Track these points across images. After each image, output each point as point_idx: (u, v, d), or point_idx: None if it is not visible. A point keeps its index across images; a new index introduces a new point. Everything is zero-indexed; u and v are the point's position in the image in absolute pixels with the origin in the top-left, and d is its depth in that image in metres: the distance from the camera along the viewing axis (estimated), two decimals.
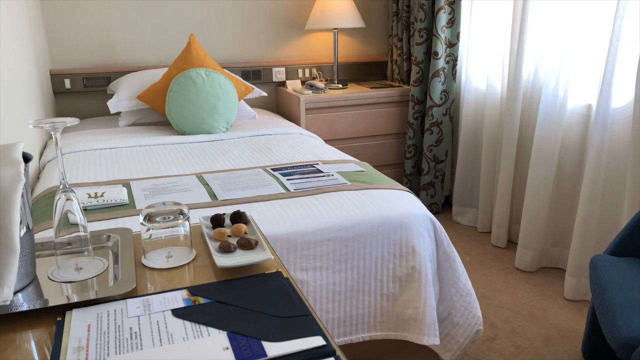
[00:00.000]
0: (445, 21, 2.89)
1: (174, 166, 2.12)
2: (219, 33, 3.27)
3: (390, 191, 1.80)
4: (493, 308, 2.20)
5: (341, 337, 1.65)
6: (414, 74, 3.09)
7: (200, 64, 2.71)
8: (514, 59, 2.54)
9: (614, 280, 1.57)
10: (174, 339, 0.72)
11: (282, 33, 3.40)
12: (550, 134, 2.37)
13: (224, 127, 2.67)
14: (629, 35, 2.02)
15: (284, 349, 0.70)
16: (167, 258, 0.97)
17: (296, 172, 1.99)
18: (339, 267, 1.61)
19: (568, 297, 2.26)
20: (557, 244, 2.54)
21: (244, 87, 2.86)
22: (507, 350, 1.92)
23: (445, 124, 3.05)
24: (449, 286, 1.72)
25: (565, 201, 2.47)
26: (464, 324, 1.72)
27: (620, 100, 2.09)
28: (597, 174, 2.13)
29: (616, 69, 2.03)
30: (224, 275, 0.92)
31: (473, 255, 2.68)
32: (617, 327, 1.39)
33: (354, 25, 3.16)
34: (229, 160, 2.20)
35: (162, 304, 0.82)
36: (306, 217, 1.59)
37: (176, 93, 2.59)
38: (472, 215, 3.08)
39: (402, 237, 1.65)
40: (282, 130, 2.69)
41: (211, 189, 1.80)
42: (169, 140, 2.51)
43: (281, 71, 3.42)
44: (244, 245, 1.00)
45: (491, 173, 2.87)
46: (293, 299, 0.83)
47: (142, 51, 3.15)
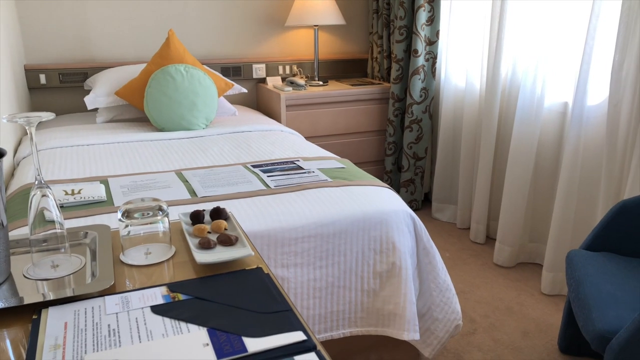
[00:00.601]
0: (424, 19, 2.91)
1: (153, 163, 2.09)
2: (199, 28, 3.24)
3: (370, 188, 1.81)
4: (472, 303, 2.22)
5: (322, 333, 1.65)
6: (394, 71, 3.10)
7: (179, 60, 2.68)
8: (493, 57, 2.57)
9: (589, 274, 1.60)
10: (153, 335, 0.72)
11: (263, 29, 3.39)
12: (528, 131, 2.40)
13: (203, 123, 2.65)
14: (603, 35, 2.05)
15: (265, 345, 0.69)
16: (146, 255, 0.96)
17: (277, 168, 1.98)
18: (319, 263, 1.61)
19: (545, 291, 2.30)
20: (534, 240, 2.58)
21: (223, 84, 2.84)
22: (485, 344, 1.95)
23: (425, 121, 3.07)
24: (428, 281, 1.73)
25: (542, 197, 2.51)
26: (443, 319, 1.73)
27: (595, 98, 2.13)
28: (573, 170, 2.17)
29: (591, 68, 2.06)
30: (204, 272, 0.91)
31: (452, 251, 2.71)
32: (592, 320, 1.42)
33: (335, 22, 3.16)
34: (208, 156, 2.18)
35: (141, 301, 0.81)
36: (287, 214, 1.59)
37: (155, 89, 2.56)
38: (451, 212, 3.12)
39: (382, 233, 1.66)
40: (263, 127, 2.68)
41: (190, 186, 1.79)
42: (148, 137, 2.48)
43: (261, 68, 3.40)
44: (224, 241, 0.99)
45: (470, 170, 2.91)
46: (273, 295, 0.83)
47: (120, 46, 3.11)
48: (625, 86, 1.97)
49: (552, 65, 2.32)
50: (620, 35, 1.93)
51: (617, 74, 1.96)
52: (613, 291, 1.50)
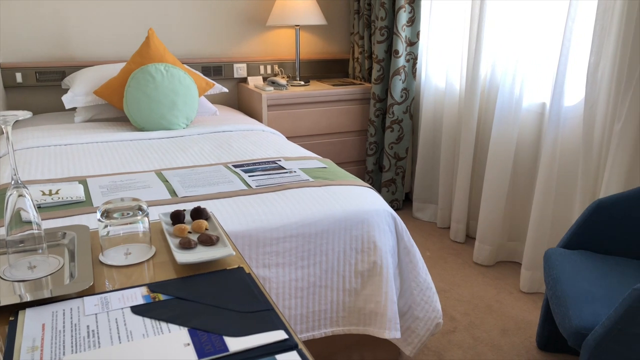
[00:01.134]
0: (405, 20, 2.93)
1: (132, 163, 2.07)
2: (179, 28, 3.21)
3: (352, 187, 1.81)
4: (452, 301, 2.25)
5: (304, 332, 1.66)
6: (375, 72, 3.12)
7: (159, 59, 2.66)
8: (472, 58, 2.60)
9: (566, 272, 1.63)
10: (134, 336, 0.71)
11: (244, 29, 3.37)
12: (507, 131, 2.43)
13: (183, 123, 2.63)
14: (579, 37, 2.09)
15: (246, 344, 0.69)
16: (125, 255, 0.95)
17: (258, 168, 1.98)
18: (301, 263, 1.61)
19: (523, 289, 2.33)
20: (513, 239, 2.61)
21: (204, 83, 2.82)
22: (465, 342, 1.97)
23: (405, 121, 3.09)
24: (409, 280, 1.74)
25: (520, 197, 2.54)
26: (424, 317, 1.75)
27: (571, 99, 2.17)
28: (550, 170, 2.20)
29: (568, 69, 2.10)
30: (185, 272, 0.91)
31: (433, 250, 2.73)
32: (569, 317, 1.45)
33: (316, 22, 3.16)
34: (189, 156, 2.17)
35: (120, 301, 0.80)
36: (268, 214, 1.59)
37: (134, 88, 2.53)
38: (431, 211, 3.14)
39: (363, 232, 1.67)
40: (244, 127, 2.67)
41: (171, 186, 1.77)
42: (127, 137, 2.45)
43: (242, 67, 3.39)
44: (204, 241, 0.99)
45: (450, 170, 2.93)
46: (255, 294, 0.83)
47: (99, 45, 3.07)
48: (601, 87, 2.01)
49: (530, 66, 2.36)
50: (596, 37, 1.97)
51: (592, 76, 1.99)
52: (589, 288, 1.53)
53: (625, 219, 1.74)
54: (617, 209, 1.74)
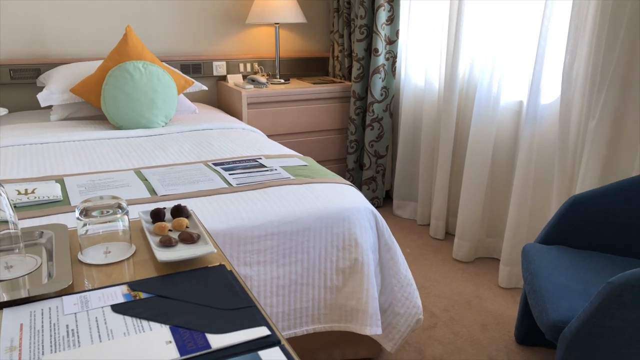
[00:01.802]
0: (385, 18, 2.94)
1: (111, 161, 2.05)
2: (157, 25, 3.18)
3: (333, 185, 1.82)
4: (432, 297, 2.27)
5: (285, 330, 1.66)
6: (355, 70, 3.13)
7: (137, 57, 2.63)
8: (451, 56, 2.62)
9: (543, 267, 1.66)
10: (114, 334, 0.70)
11: (223, 26, 3.35)
12: (485, 129, 2.47)
13: (162, 121, 2.61)
14: (555, 37, 2.13)
15: (228, 341, 0.69)
16: (105, 254, 0.94)
17: (238, 166, 1.97)
18: (282, 261, 1.61)
19: (502, 285, 2.37)
20: (491, 235, 2.65)
21: (183, 81, 2.80)
22: (446, 337, 1.99)
23: (385, 119, 3.11)
24: (390, 277, 1.76)
25: (499, 194, 2.58)
26: (405, 313, 1.76)
27: (548, 97, 2.21)
28: (527, 167, 2.24)
29: (544, 68, 2.14)
30: (166, 270, 0.90)
31: (413, 247, 2.75)
32: (546, 311, 1.47)
33: (295, 20, 3.16)
34: (168, 155, 2.15)
35: (100, 300, 0.79)
36: (249, 212, 1.58)
37: (112, 86, 2.50)
38: (411, 209, 3.17)
39: (344, 229, 1.67)
40: (224, 125, 2.66)
41: (150, 185, 1.76)
42: (105, 135, 2.42)
43: (222, 65, 3.37)
44: (185, 239, 0.98)
45: (429, 167, 2.96)
46: (237, 291, 0.83)
47: (75, 42, 3.02)
48: (576, 86, 2.05)
49: (508, 65, 2.39)
50: (571, 37, 2.00)
51: (568, 74, 2.03)
52: (566, 282, 1.56)
53: (600, 214, 1.78)
54: (592, 205, 1.78)
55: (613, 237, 1.78)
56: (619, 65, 1.82)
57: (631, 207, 1.74)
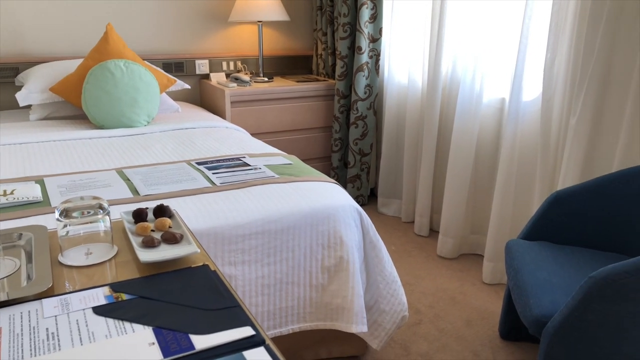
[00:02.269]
0: (367, 16, 2.95)
1: (92, 161, 2.02)
2: (138, 23, 3.14)
3: (317, 183, 1.81)
4: (417, 294, 2.28)
5: (271, 329, 1.65)
6: (339, 68, 3.13)
7: (118, 55, 2.60)
8: (433, 54, 2.64)
9: (526, 263, 1.67)
10: (96, 337, 0.69)
11: (205, 24, 3.33)
12: (468, 126, 2.48)
13: (145, 120, 2.58)
14: (536, 34, 2.15)
15: (213, 341, 0.69)
16: (86, 255, 0.92)
17: (222, 165, 1.96)
18: (267, 260, 1.60)
19: (486, 281, 2.39)
20: (475, 232, 2.67)
21: (165, 80, 2.77)
22: (431, 334, 2.00)
23: (369, 117, 3.11)
24: (375, 274, 1.76)
25: (482, 190, 2.60)
26: (390, 310, 1.77)
27: (529, 94, 2.23)
28: (510, 164, 2.26)
29: (526, 66, 2.16)
30: (148, 271, 0.89)
31: (398, 245, 2.76)
32: (529, 306, 1.49)
33: (278, 18, 3.15)
34: (151, 154, 2.13)
35: (81, 302, 0.78)
36: (233, 211, 1.57)
37: (93, 85, 2.46)
38: (396, 206, 3.18)
39: (330, 228, 1.67)
40: (207, 124, 2.64)
41: (132, 184, 1.74)
42: (86, 135, 2.38)
43: (204, 63, 3.34)
44: (168, 239, 0.97)
45: (413, 165, 2.97)
46: (221, 291, 0.82)
47: (54, 40, 2.97)
48: (557, 82, 2.07)
49: (490, 63, 2.41)
50: (551, 34, 2.02)
51: (549, 71, 2.05)
52: (548, 278, 1.58)
53: (581, 210, 1.80)
54: (573, 201, 1.80)
55: (594, 232, 1.81)
56: (598, 63, 1.84)
57: (611, 202, 1.77)
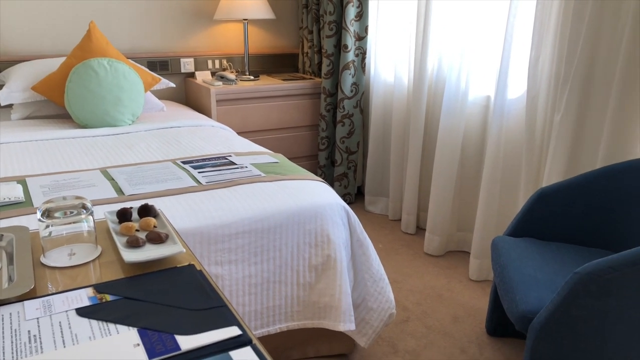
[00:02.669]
0: (353, 14, 2.94)
1: (76, 161, 1.99)
2: (122, 21, 3.11)
3: (304, 182, 1.81)
4: (405, 292, 2.28)
5: (258, 329, 1.64)
6: (325, 66, 3.12)
7: (101, 54, 2.56)
8: (419, 53, 2.64)
9: (512, 259, 1.68)
10: (79, 339, 0.68)
11: (190, 23, 3.30)
12: (454, 124, 2.49)
13: (129, 119, 2.55)
14: (520, 32, 2.17)
15: (199, 342, 0.68)
16: (69, 256, 0.91)
17: (208, 164, 1.94)
18: (254, 259, 1.59)
19: (473, 277, 2.40)
20: (462, 229, 2.68)
21: (150, 78, 2.74)
22: (418, 331, 2.01)
23: (356, 116, 3.11)
24: (362, 272, 1.76)
25: (468, 188, 2.61)
26: (377, 308, 1.77)
27: (514, 91, 2.24)
28: (496, 161, 2.27)
29: (510, 63, 2.17)
30: (133, 271, 0.88)
31: (385, 242, 2.77)
32: (515, 302, 1.50)
33: (264, 16, 3.13)
34: (135, 153, 2.10)
35: (64, 304, 0.76)
36: (219, 210, 1.56)
37: (76, 84, 2.43)
38: (383, 204, 3.18)
39: (317, 226, 1.67)
40: (192, 122, 2.62)
41: (117, 184, 1.72)
42: (70, 134, 2.35)
43: (190, 62, 3.32)
44: (153, 239, 0.96)
45: (400, 163, 2.98)
46: (207, 291, 0.81)
47: (36, 39, 2.92)
48: (542, 80, 2.08)
49: (475, 61, 2.42)
50: (536, 32, 2.04)
51: (533, 69, 2.07)
52: (534, 274, 1.59)
53: (566, 206, 1.81)
54: (558, 197, 1.82)
55: (579, 228, 1.82)
56: (581, 61, 1.86)
57: (596, 198, 1.79)
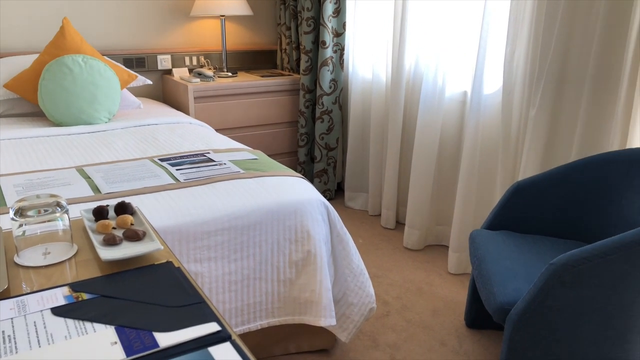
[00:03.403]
0: (331, 11, 2.94)
1: (51, 160, 1.96)
2: (97, 18, 3.06)
3: (283, 178, 1.81)
4: (385, 286, 2.30)
5: (239, 326, 1.64)
6: (304, 62, 3.12)
7: (75, 50, 2.52)
8: (397, 49, 2.65)
9: (490, 252, 1.71)
10: (55, 338, 0.67)
11: (167, 19, 3.26)
12: (431, 120, 2.51)
13: (105, 117, 2.52)
14: (496, 29, 2.19)
15: (177, 338, 0.67)
16: (44, 255, 0.89)
17: (186, 161, 1.93)
18: (234, 256, 1.59)
19: (451, 271, 2.43)
20: (440, 223, 2.71)
21: (126, 75, 2.71)
22: (398, 325, 2.03)
23: (335, 112, 3.12)
24: (343, 267, 1.77)
25: (446, 182, 2.64)
26: (358, 303, 1.78)
27: (491, 87, 2.27)
28: (473, 155, 2.30)
29: (486, 59, 2.20)
30: (110, 269, 0.87)
31: (365, 238, 2.78)
32: (493, 294, 1.52)
33: (241, 12, 3.11)
34: (112, 151, 2.08)
35: (39, 304, 0.75)
36: (198, 207, 1.55)
37: (50, 81, 2.39)
38: (363, 200, 3.20)
39: (297, 222, 1.67)
40: (170, 120, 2.59)
41: (93, 182, 1.69)
42: (44, 133, 2.31)
43: (167, 59, 3.28)
44: (130, 236, 0.95)
45: (379, 159, 2.99)
46: (185, 288, 0.80)
47: (8, 35, 2.86)
48: (517, 75, 2.11)
49: (452, 57, 2.44)
50: (510, 29, 2.07)
51: (509, 65, 2.10)
52: (511, 266, 1.62)
53: (542, 199, 1.85)
54: (534, 190, 1.85)
55: (554, 220, 1.86)
56: (555, 57, 1.89)
57: (570, 191, 1.82)
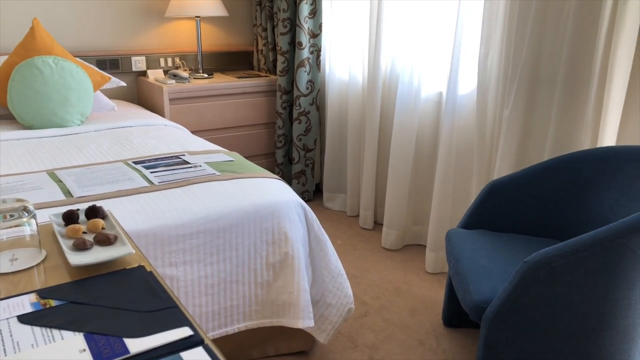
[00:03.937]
0: (307, 12, 2.94)
1: (21, 163, 1.91)
2: (68, 18, 3.00)
3: (260, 179, 1.80)
4: (363, 286, 2.30)
5: (216, 330, 1.62)
6: (280, 63, 3.11)
7: (46, 52, 2.47)
8: (373, 51, 2.66)
9: (466, 251, 1.72)
10: (21, 347, 0.65)
11: (141, 20, 3.22)
12: (408, 120, 2.53)
13: (78, 119, 2.47)
14: (470, 30, 2.21)
15: (148, 344, 0.66)
16: (10, 261, 0.87)
17: (160, 164, 1.90)
18: (210, 259, 1.57)
19: (429, 270, 2.44)
20: (417, 222, 2.73)
21: (99, 77, 2.66)
22: (377, 325, 2.03)
23: (312, 113, 3.11)
24: (321, 269, 1.76)
25: (423, 182, 2.66)
26: (336, 304, 1.77)
27: (465, 88, 2.29)
28: (449, 155, 2.32)
29: (461, 60, 2.22)
30: (80, 275, 0.85)
31: (344, 238, 2.78)
32: (469, 293, 1.53)
33: (217, 13, 3.09)
34: (85, 154, 2.04)
35: (5, 311, 0.73)
36: (173, 210, 1.53)
37: (19, 83, 2.33)
38: (341, 201, 3.20)
39: (274, 224, 1.66)
40: (144, 122, 2.56)
41: (65, 186, 1.66)
42: (13, 136, 2.26)
43: (141, 60, 3.24)
44: (101, 241, 0.93)
45: (357, 159, 3.00)
46: (157, 292, 0.79)
47: None
48: (491, 76, 2.14)
49: (427, 58, 2.46)
50: (484, 30, 2.09)
51: (483, 65, 2.12)
52: (487, 264, 1.63)
53: (516, 197, 1.87)
54: (508, 189, 1.87)
55: (529, 219, 1.88)
56: (528, 58, 1.92)
57: (543, 190, 1.85)
